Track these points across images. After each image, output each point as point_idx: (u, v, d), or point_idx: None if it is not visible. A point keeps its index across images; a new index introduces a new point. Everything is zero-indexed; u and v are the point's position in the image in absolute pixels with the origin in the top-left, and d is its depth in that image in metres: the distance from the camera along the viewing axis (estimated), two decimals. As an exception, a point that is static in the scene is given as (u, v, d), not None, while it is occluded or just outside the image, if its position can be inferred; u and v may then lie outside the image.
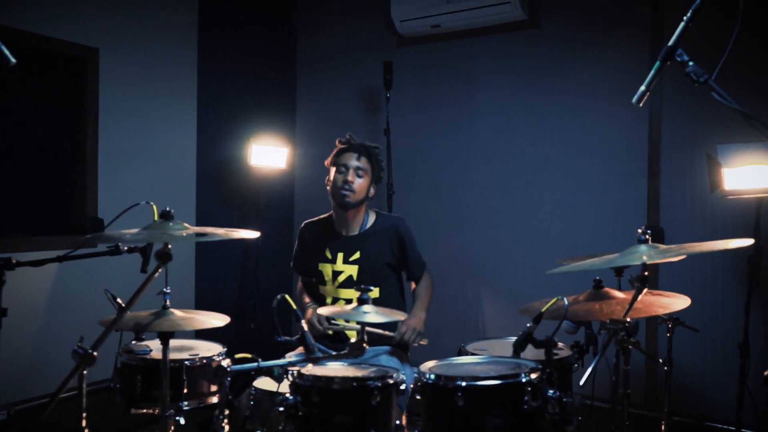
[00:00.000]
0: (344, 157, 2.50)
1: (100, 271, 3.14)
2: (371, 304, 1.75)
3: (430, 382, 1.67)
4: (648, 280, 1.86)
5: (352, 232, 2.53)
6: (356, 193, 2.44)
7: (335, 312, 1.93)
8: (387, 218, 2.61)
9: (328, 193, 2.54)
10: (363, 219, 2.54)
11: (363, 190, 2.47)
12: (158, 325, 1.98)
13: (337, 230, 2.55)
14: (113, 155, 3.48)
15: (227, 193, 4.07)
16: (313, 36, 4.45)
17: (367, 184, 2.49)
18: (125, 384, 2.21)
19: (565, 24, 3.51)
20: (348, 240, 2.51)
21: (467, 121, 3.82)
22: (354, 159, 2.48)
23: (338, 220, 2.55)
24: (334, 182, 2.50)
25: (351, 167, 2.46)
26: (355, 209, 2.49)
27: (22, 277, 2.59)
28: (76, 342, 1.69)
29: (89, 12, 3.35)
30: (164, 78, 3.75)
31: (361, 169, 2.47)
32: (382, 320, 1.73)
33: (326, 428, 1.62)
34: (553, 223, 3.56)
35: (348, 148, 2.51)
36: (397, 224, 2.55)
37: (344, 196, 2.44)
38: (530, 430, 1.63)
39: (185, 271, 3.88)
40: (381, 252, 2.50)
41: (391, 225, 2.55)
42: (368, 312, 1.70)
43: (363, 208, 2.54)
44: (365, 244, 2.50)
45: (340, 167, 2.49)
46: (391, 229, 2.53)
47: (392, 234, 2.52)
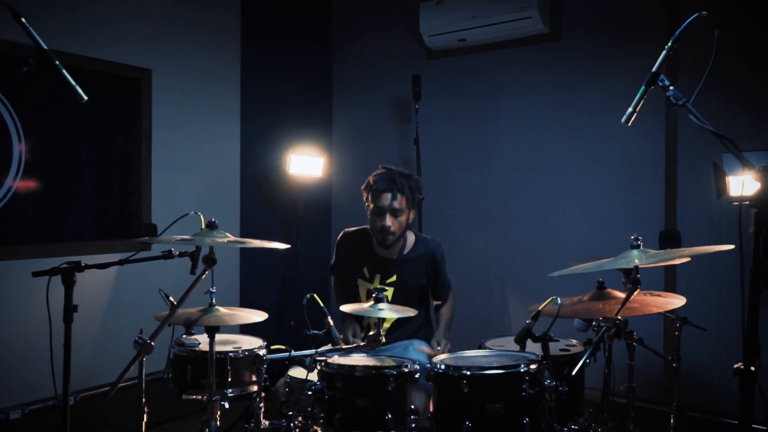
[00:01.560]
0: (380, 199, 2.48)
1: (154, 272, 3.46)
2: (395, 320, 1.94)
3: (440, 372, 1.90)
4: (639, 281, 2.05)
5: (392, 257, 2.61)
6: (396, 234, 2.48)
7: (355, 309, 2.14)
8: (425, 242, 2.67)
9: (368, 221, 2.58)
10: (403, 243, 2.61)
11: (402, 226, 2.51)
12: (205, 320, 2.25)
13: (376, 251, 2.63)
14: (165, 166, 3.80)
15: (268, 200, 4.36)
16: (348, 50, 4.71)
17: (405, 219, 2.52)
18: (177, 373, 2.49)
19: (585, 37, 3.66)
20: (387, 263, 2.60)
21: (492, 130, 4.01)
22: (389, 200, 2.46)
23: (378, 244, 2.60)
24: (372, 223, 2.52)
25: (387, 210, 2.46)
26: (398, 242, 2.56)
27: (88, 278, 2.94)
28: (134, 335, 1.96)
29: (143, 37, 3.68)
30: (210, 94, 4.05)
31: (398, 209, 2.47)
32: (396, 316, 1.96)
33: (348, 410, 1.86)
34: (574, 228, 3.71)
35: (382, 188, 2.48)
36: (434, 250, 2.64)
37: (386, 241, 2.49)
38: (528, 415, 1.83)
39: (231, 273, 4.19)
40: (416, 276, 2.60)
41: (428, 250, 2.63)
42: (383, 309, 1.93)
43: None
44: (403, 269, 2.58)
45: (376, 209, 2.48)
46: (428, 255, 2.62)
47: (429, 259, 2.62)
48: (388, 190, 2.46)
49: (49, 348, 1.91)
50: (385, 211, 2.46)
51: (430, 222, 4.08)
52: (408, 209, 2.53)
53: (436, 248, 2.66)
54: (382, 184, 2.48)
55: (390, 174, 2.51)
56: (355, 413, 1.86)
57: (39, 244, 3.28)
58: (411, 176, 2.59)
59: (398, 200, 2.47)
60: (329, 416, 1.88)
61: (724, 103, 3.07)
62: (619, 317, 1.92)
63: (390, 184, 2.47)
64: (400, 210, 2.47)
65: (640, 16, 3.51)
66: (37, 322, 2.59)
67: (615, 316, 1.92)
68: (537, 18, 3.65)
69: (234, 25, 4.19)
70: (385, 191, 2.47)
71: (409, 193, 2.51)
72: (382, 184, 2.48)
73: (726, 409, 3.27)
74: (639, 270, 2.58)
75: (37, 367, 3.05)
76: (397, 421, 1.87)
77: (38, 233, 3.32)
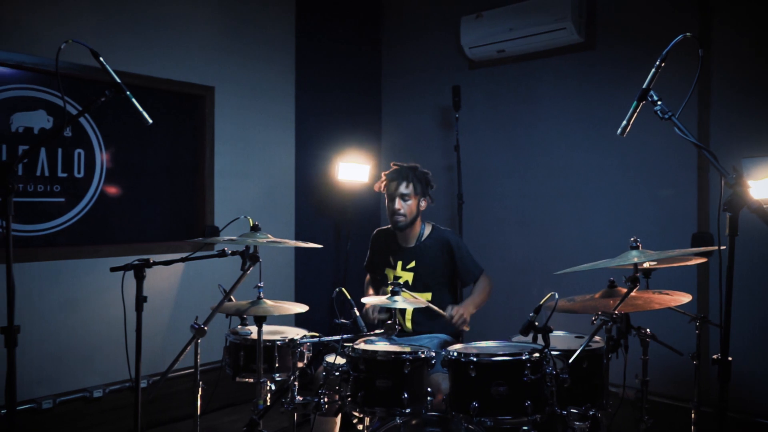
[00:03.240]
0: (391, 186, 2.93)
1: (215, 269, 3.85)
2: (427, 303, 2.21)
3: (453, 359, 2.13)
4: (638, 280, 2.22)
5: (410, 244, 2.98)
6: (406, 216, 2.88)
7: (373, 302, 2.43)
8: (440, 232, 3.01)
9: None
10: (419, 232, 2.97)
11: (412, 210, 2.90)
12: (254, 311, 2.58)
13: (398, 241, 3.02)
14: (226, 174, 4.19)
15: (320, 204, 4.69)
16: (396, 60, 4.98)
17: (415, 204, 2.91)
18: (232, 358, 2.83)
19: (619, 46, 3.79)
20: (406, 250, 2.97)
21: (530, 136, 4.18)
22: (399, 186, 2.89)
23: (398, 234, 3.02)
24: (388, 210, 2.96)
25: (397, 195, 2.89)
26: (410, 227, 2.94)
27: (158, 274, 3.34)
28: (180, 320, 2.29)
29: (206, 58, 4.07)
30: (267, 106, 4.41)
31: (406, 194, 2.88)
32: (408, 307, 2.21)
33: (370, 389, 2.13)
34: (609, 229, 3.84)
35: (392, 177, 2.94)
36: (447, 237, 2.97)
37: (397, 222, 2.90)
38: (530, 398, 2.04)
39: (287, 271, 4.53)
40: (433, 261, 2.92)
41: (442, 238, 2.96)
42: (397, 300, 2.19)
43: (418, 223, 2.97)
44: (420, 255, 2.94)
45: (389, 196, 2.93)
46: (442, 242, 2.94)
47: (443, 246, 2.94)
48: (395, 179, 2.91)
49: (124, 334, 2.26)
50: (395, 197, 2.88)
51: (470, 223, 4.29)
52: (416, 195, 2.90)
53: (450, 236, 2.97)
54: (391, 175, 2.95)
55: (399, 168, 2.95)
56: (376, 392, 2.13)
57: (117, 244, 3.72)
58: (417, 168, 2.98)
59: (404, 186, 2.88)
60: (354, 394, 2.15)
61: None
62: (617, 312, 2.10)
63: (397, 174, 2.92)
64: (407, 194, 2.88)
65: (672, 25, 3.60)
66: (115, 312, 2.98)
67: (612, 311, 2.10)
68: (571, 29, 3.80)
69: (289, 42, 4.53)
70: (393, 180, 2.92)
71: (416, 181, 2.91)
72: (391, 175, 2.95)
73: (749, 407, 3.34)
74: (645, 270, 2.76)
75: (116, 351, 3.48)
76: (413, 400, 2.12)
77: (116, 234, 3.76)
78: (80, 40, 2.04)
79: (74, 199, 3.58)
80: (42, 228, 3.48)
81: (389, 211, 2.94)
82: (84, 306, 3.52)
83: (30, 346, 3.30)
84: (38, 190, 3.44)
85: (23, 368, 3.28)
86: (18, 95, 3.33)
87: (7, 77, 3.29)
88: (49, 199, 3.48)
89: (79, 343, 3.51)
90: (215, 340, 3.19)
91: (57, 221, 3.52)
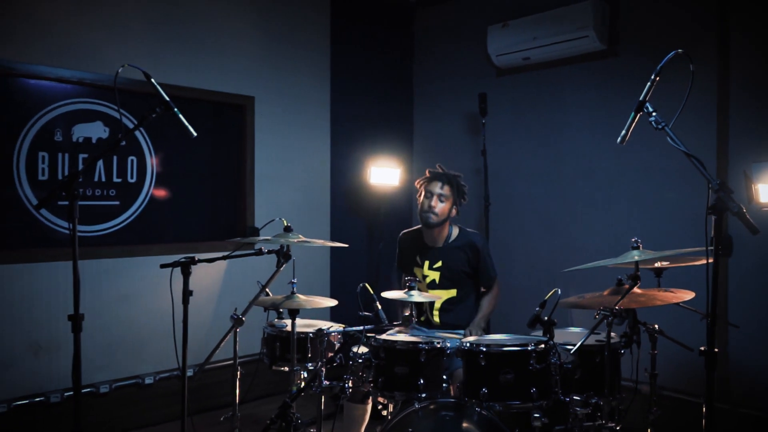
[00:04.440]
0: (431, 185, 3.09)
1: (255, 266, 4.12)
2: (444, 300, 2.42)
3: (465, 349, 2.33)
4: (639, 278, 2.37)
5: (438, 245, 3.15)
6: (438, 215, 3.04)
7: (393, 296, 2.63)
8: (467, 234, 3.19)
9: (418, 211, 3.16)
10: (447, 233, 3.14)
11: (445, 212, 3.06)
12: (287, 304, 2.83)
13: (426, 242, 3.19)
14: (266, 178, 4.46)
15: (354, 206, 4.93)
16: (426, 68, 5.18)
17: (448, 207, 3.08)
18: (269, 349, 3.09)
19: (641, 53, 3.90)
20: (434, 250, 3.15)
21: (555, 140, 4.33)
22: (438, 187, 3.07)
23: (426, 234, 3.18)
24: (421, 205, 3.11)
25: (435, 194, 3.05)
26: (439, 227, 3.10)
27: (204, 271, 3.64)
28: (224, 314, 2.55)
29: (247, 69, 4.36)
30: (304, 114, 4.68)
31: (444, 195, 3.05)
32: (423, 300, 2.42)
33: (389, 375, 2.35)
34: (631, 232, 3.94)
35: (434, 177, 3.11)
36: (474, 240, 3.14)
37: (428, 218, 3.05)
38: (535, 386, 2.23)
39: (323, 269, 4.79)
40: (459, 262, 3.11)
41: (469, 240, 3.14)
42: (413, 295, 2.40)
43: (446, 225, 3.14)
44: (447, 255, 3.11)
45: (427, 193, 3.09)
46: (469, 244, 3.12)
47: (470, 248, 3.12)
48: (438, 179, 3.09)
49: (172, 326, 2.53)
50: (433, 194, 3.05)
51: (497, 226, 4.46)
52: (452, 198, 3.08)
53: (476, 239, 3.15)
54: (434, 174, 3.12)
55: (440, 171, 3.13)
56: (395, 378, 2.35)
57: (165, 243, 4.03)
58: (459, 176, 3.15)
59: (445, 189, 3.06)
60: (375, 379, 2.38)
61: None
62: (617, 307, 2.26)
63: (440, 175, 3.10)
64: (445, 196, 3.05)
65: (692, 33, 3.71)
66: (164, 305, 3.27)
67: (613, 306, 2.26)
68: (594, 37, 3.94)
69: (324, 51, 4.79)
70: (435, 179, 3.09)
71: (455, 187, 3.08)
72: (434, 174, 3.12)
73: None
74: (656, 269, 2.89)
75: (165, 341, 3.77)
76: (428, 385, 2.33)
77: (165, 234, 4.08)
78: (135, 64, 2.32)
79: (128, 202, 3.91)
80: (100, 228, 3.81)
81: (423, 207, 3.08)
82: (137, 300, 3.85)
83: (90, 336, 3.64)
84: (96, 194, 3.78)
85: (84, 355, 3.59)
86: (78, 108, 3.68)
87: (69, 92, 3.63)
88: (106, 202, 3.82)
89: (133, 333, 3.84)
90: (256, 334, 3.45)
91: (113, 222, 3.86)
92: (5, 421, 3.35)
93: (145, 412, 3.87)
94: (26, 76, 3.47)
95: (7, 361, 3.39)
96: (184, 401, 2.53)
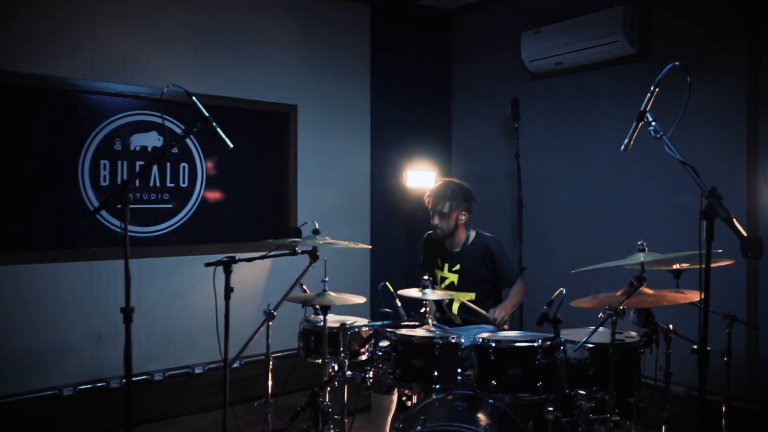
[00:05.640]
0: (432, 204, 3.29)
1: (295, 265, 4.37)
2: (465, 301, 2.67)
3: (478, 344, 2.49)
4: (645, 279, 2.47)
5: (456, 249, 3.34)
6: (444, 230, 3.25)
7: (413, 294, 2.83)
8: (483, 238, 3.35)
9: None
10: (464, 237, 3.33)
11: (450, 225, 3.25)
12: (318, 301, 3.04)
13: (446, 246, 3.38)
14: (308, 181, 4.72)
15: (392, 209, 5.12)
16: (464, 74, 5.33)
17: (453, 219, 3.25)
18: (304, 342, 3.31)
19: (672, 57, 3.91)
20: (452, 254, 3.34)
21: (587, 144, 4.39)
22: (437, 205, 3.25)
23: (445, 240, 3.37)
24: (430, 221, 3.32)
25: (436, 212, 3.25)
26: (452, 236, 3.30)
27: (248, 269, 3.90)
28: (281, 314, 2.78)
29: (290, 79, 4.62)
30: (345, 119, 4.90)
31: (443, 213, 3.23)
32: (437, 298, 2.59)
33: (406, 367, 2.53)
34: (662, 233, 4.00)
35: (432, 197, 3.29)
36: (489, 244, 3.30)
37: (436, 234, 3.29)
38: (542, 379, 2.36)
39: (363, 269, 5.01)
40: (476, 265, 3.27)
41: (483, 244, 3.30)
42: (427, 293, 2.58)
43: (462, 231, 3.32)
44: (464, 258, 3.30)
45: (431, 211, 3.30)
46: (484, 247, 3.29)
47: (485, 251, 3.28)
48: (436, 198, 3.26)
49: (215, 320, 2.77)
50: (435, 214, 3.25)
51: (530, 227, 4.57)
52: (455, 211, 3.23)
53: (491, 242, 3.30)
54: (432, 194, 3.29)
55: (439, 187, 3.28)
56: (411, 370, 2.53)
57: (213, 243, 4.34)
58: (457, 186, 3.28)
59: (445, 206, 3.22)
60: (393, 371, 2.57)
61: None
62: (622, 306, 2.37)
63: (437, 194, 3.26)
64: (445, 213, 3.22)
65: (723, 36, 3.72)
66: (212, 301, 3.57)
67: (618, 306, 2.38)
68: (623, 41, 4.00)
69: (364, 59, 5.00)
70: (434, 198, 3.27)
71: (453, 200, 3.23)
72: (432, 194, 3.29)
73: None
74: (675, 271, 2.96)
75: (212, 335, 4.07)
76: (442, 377, 2.50)
77: (213, 234, 4.39)
78: (178, 84, 2.59)
79: (180, 205, 4.23)
80: (155, 230, 4.15)
81: (431, 224, 3.31)
82: (187, 296, 4.16)
83: (145, 328, 3.98)
84: (151, 198, 4.11)
85: (140, 346, 3.97)
86: (135, 120, 4.02)
87: (127, 105, 3.98)
88: (160, 205, 4.15)
89: (184, 326, 4.16)
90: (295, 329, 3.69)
91: (166, 224, 4.19)
92: (71, 402, 3.72)
93: (194, 400, 4.19)
94: (88, 92, 3.83)
95: (73, 350, 3.76)
96: (226, 390, 2.77)
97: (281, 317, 4.03)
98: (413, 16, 5.20)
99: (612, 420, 2.39)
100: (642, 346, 2.79)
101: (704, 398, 2.03)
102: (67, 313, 3.75)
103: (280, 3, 4.55)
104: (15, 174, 3.65)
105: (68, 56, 3.72)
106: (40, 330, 3.66)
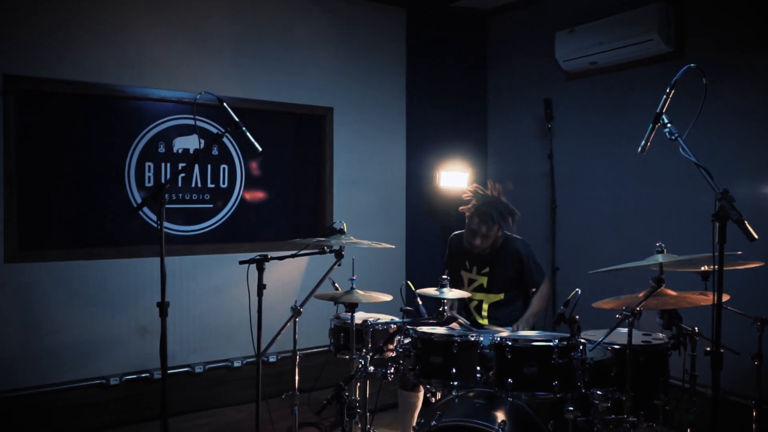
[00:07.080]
0: (470, 221, 3.26)
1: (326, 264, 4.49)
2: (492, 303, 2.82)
3: (496, 343, 2.54)
4: (663, 281, 2.47)
5: (485, 252, 3.33)
6: (481, 246, 3.23)
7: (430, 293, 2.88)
8: (512, 242, 3.34)
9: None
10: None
11: (486, 242, 3.23)
12: (346, 298, 3.14)
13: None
14: (344, 182, 4.83)
15: (427, 208, 5.18)
16: (499, 74, 5.34)
17: (492, 237, 3.22)
18: (335, 338, 3.41)
19: (707, 55, 3.86)
20: (482, 257, 3.34)
21: (620, 143, 4.35)
22: (474, 224, 3.22)
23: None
24: (467, 235, 3.28)
25: (479, 234, 3.20)
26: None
27: (283, 267, 4.03)
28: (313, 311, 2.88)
29: (326, 82, 4.74)
30: (380, 121, 4.99)
31: (481, 233, 3.19)
32: (454, 297, 2.65)
33: (425, 364, 2.60)
34: (695, 234, 3.93)
35: (475, 215, 3.22)
36: (517, 246, 3.31)
37: (474, 249, 3.26)
38: (557, 379, 2.39)
39: (398, 267, 5.09)
40: (505, 268, 3.30)
41: (513, 247, 3.31)
42: (444, 293, 2.64)
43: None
44: (494, 262, 3.32)
45: (471, 231, 3.24)
46: (513, 251, 3.30)
47: (515, 255, 3.30)
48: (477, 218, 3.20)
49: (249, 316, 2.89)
50: (477, 235, 3.22)
51: (564, 227, 4.56)
52: (494, 230, 3.20)
53: (520, 246, 3.31)
54: (474, 216, 3.22)
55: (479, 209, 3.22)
56: (430, 366, 2.60)
57: (252, 242, 4.50)
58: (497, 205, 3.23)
59: (485, 228, 3.19)
60: (413, 367, 2.64)
61: None
62: (638, 308, 2.38)
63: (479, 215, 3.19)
64: (483, 233, 3.20)
65: (759, 34, 3.64)
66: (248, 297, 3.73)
67: (635, 307, 2.38)
68: (658, 40, 3.95)
69: (400, 61, 5.08)
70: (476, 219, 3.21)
71: (492, 221, 3.17)
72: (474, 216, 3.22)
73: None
74: (703, 272, 2.93)
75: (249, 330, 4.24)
76: (460, 374, 2.56)
77: (252, 233, 4.55)
78: (210, 91, 2.73)
79: (220, 205, 4.41)
80: (197, 228, 4.34)
81: (469, 239, 3.26)
82: (227, 292, 4.34)
83: (186, 322, 4.17)
84: (193, 198, 4.30)
85: (183, 339, 4.16)
86: (178, 123, 4.21)
87: (170, 110, 4.18)
88: (201, 205, 4.34)
89: (223, 321, 4.33)
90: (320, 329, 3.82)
91: (207, 223, 4.37)
92: (118, 391, 3.94)
93: (234, 392, 4.36)
94: (134, 98, 4.05)
95: (120, 342, 3.98)
96: (258, 383, 2.90)
97: (316, 314, 4.16)
98: (448, 17, 5.24)
99: (628, 420, 2.40)
100: (670, 348, 2.79)
101: (717, 399, 2.02)
102: (114, 307, 3.97)
103: (316, 6, 4.68)
104: (69, 177, 3.89)
105: (115, 63, 3.93)
106: (91, 322, 3.89)
